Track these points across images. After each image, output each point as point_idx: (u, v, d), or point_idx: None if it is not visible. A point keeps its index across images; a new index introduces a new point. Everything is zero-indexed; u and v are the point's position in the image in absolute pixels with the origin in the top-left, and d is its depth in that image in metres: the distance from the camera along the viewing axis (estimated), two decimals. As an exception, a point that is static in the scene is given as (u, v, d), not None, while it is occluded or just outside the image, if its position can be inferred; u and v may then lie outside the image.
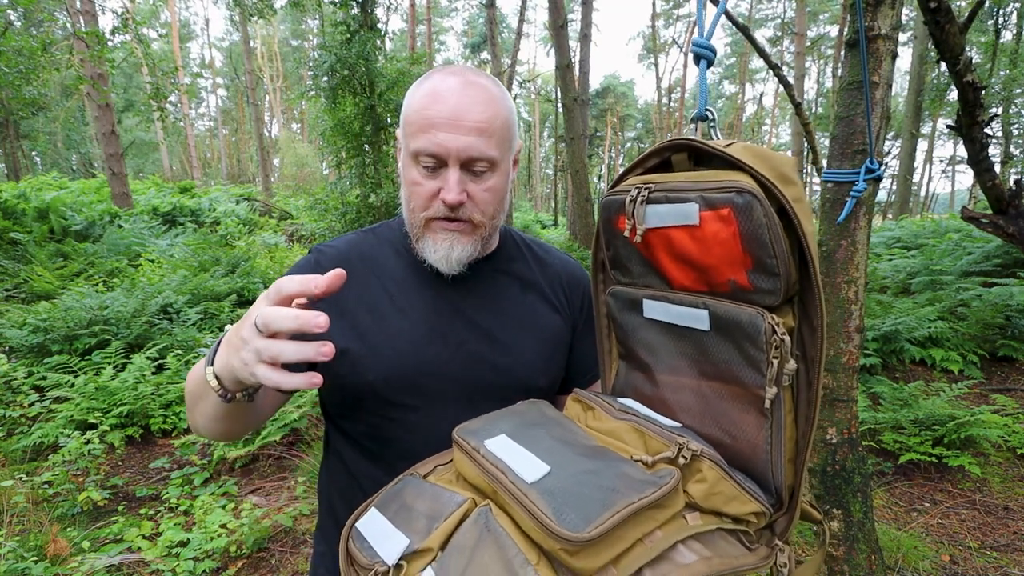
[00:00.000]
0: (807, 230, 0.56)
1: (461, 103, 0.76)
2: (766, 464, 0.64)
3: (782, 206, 0.56)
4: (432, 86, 0.78)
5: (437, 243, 0.81)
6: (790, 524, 0.65)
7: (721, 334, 0.64)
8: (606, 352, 0.84)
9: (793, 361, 0.59)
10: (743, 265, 0.59)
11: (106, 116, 9.65)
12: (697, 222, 0.60)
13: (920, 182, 27.31)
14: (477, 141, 0.76)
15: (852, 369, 1.22)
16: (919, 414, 3.11)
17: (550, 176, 42.15)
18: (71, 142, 24.22)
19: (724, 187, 0.57)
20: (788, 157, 0.60)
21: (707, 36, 0.67)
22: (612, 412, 0.71)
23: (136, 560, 2.39)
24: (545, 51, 50.91)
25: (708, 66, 0.67)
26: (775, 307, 0.60)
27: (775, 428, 0.62)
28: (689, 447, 0.59)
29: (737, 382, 0.64)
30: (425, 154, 0.76)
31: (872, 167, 1.11)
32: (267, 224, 12.21)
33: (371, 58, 8.10)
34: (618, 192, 0.68)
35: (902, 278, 5.83)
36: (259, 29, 33.06)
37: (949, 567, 2.33)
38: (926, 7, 1.53)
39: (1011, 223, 2.09)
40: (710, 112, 0.66)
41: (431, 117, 0.75)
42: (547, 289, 0.95)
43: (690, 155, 0.64)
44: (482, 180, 0.80)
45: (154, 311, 4.99)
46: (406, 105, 0.81)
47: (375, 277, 0.87)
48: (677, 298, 0.68)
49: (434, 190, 0.78)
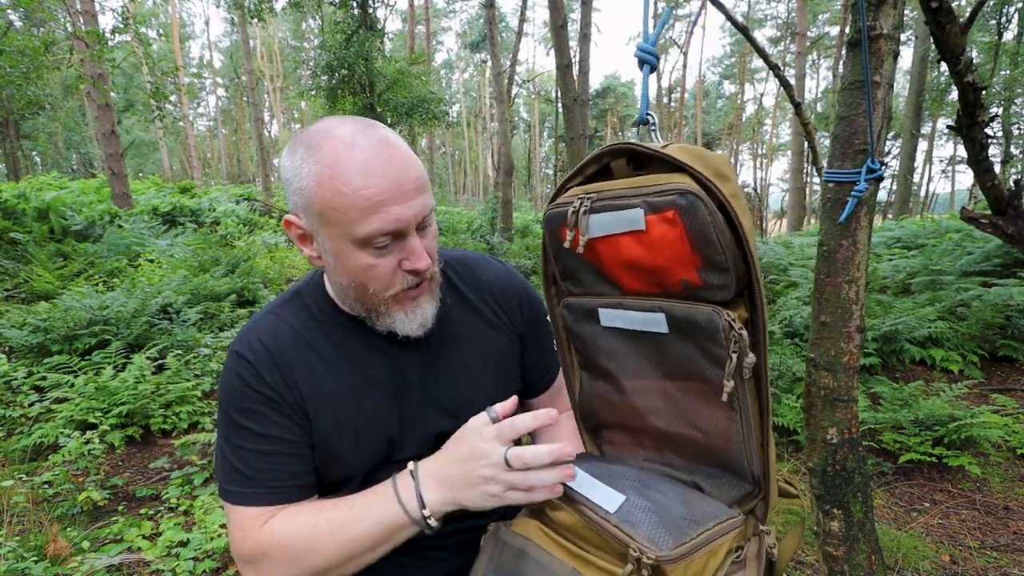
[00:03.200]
0: (745, 225, 0.58)
1: (394, 169, 0.69)
2: (741, 454, 0.66)
3: (721, 203, 0.57)
4: (345, 158, 0.67)
5: (409, 314, 0.78)
6: (768, 507, 0.68)
7: (680, 335, 0.65)
8: (568, 364, 0.84)
9: (752, 355, 0.60)
10: (693, 264, 0.60)
11: (106, 116, 9.65)
12: (644, 227, 0.60)
13: (920, 182, 27.32)
14: (425, 199, 0.72)
15: (852, 369, 1.22)
16: (919, 414, 3.11)
17: (550, 176, 42.17)
18: (71, 142, 24.22)
19: (666, 190, 0.58)
20: (722, 155, 0.62)
21: (651, 42, 0.68)
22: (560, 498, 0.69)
23: (136, 560, 2.39)
24: (545, 51, 50.96)
25: (651, 71, 0.68)
26: (728, 301, 0.61)
27: (744, 418, 0.64)
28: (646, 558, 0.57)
29: (702, 379, 0.66)
30: (381, 235, 0.69)
31: (873, 167, 1.11)
32: (267, 224, 12.21)
33: (370, 58, 8.11)
34: (560, 204, 0.68)
35: (902, 278, 5.83)
36: (258, 29, 33.05)
37: (949, 567, 2.33)
38: (927, 7, 1.53)
39: (1011, 223, 2.09)
40: (651, 116, 0.67)
41: (374, 196, 0.67)
42: (483, 308, 0.92)
43: (629, 160, 0.65)
44: (427, 232, 0.76)
45: (154, 311, 4.99)
46: (316, 188, 0.68)
47: (312, 353, 0.80)
48: (632, 304, 0.68)
49: (393, 265, 0.73)
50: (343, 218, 0.68)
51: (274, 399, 0.77)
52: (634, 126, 0.70)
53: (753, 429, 0.65)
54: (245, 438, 0.77)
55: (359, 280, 0.74)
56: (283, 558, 0.72)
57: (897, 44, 1.10)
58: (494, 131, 34.73)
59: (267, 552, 0.73)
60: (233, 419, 0.77)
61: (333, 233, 0.71)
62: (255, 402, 0.77)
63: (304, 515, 0.75)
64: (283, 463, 0.77)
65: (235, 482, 0.77)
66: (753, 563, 0.64)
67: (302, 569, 0.72)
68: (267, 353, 0.78)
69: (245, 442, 0.77)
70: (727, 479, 0.69)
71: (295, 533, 0.73)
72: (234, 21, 20.11)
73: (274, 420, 0.77)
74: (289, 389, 0.78)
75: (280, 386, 0.78)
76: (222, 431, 0.79)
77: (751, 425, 0.65)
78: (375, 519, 0.71)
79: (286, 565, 0.72)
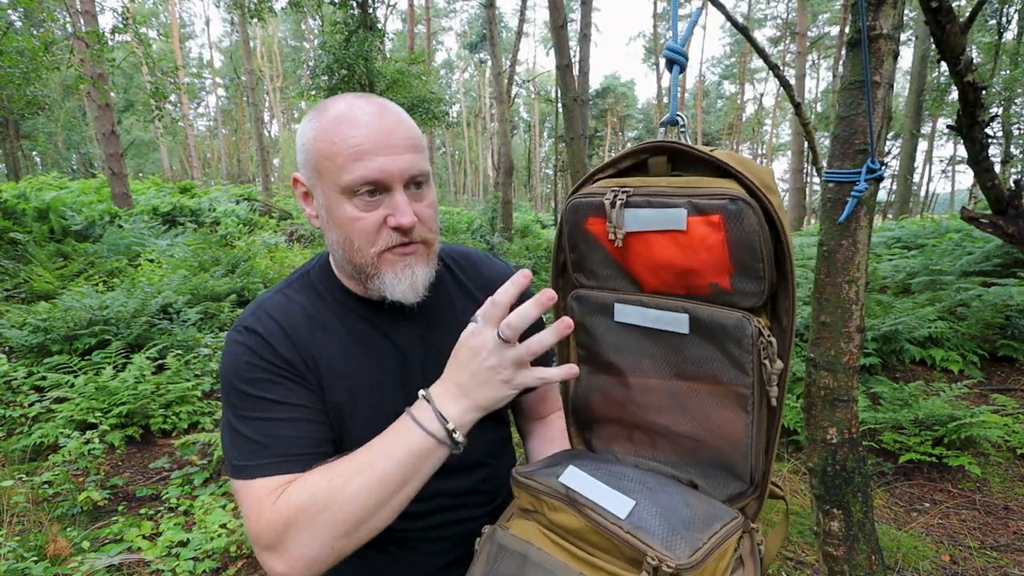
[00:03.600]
0: (790, 238, 0.59)
1: (385, 124, 0.72)
2: (745, 456, 0.67)
3: (768, 213, 0.58)
4: (342, 115, 0.72)
5: (398, 274, 0.76)
6: (760, 506, 0.69)
7: (702, 336, 0.66)
8: (564, 358, 0.84)
9: (780, 361, 0.61)
10: (727, 270, 0.61)
11: (106, 116, 9.64)
12: (684, 228, 0.60)
13: (920, 182, 27.32)
14: (415, 158, 0.74)
15: (852, 369, 1.22)
16: (919, 414, 3.11)
17: (550, 176, 42.18)
18: (71, 142, 24.22)
19: (715, 194, 0.58)
20: (767, 167, 0.62)
21: (681, 42, 0.67)
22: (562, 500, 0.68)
23: (136, 560, 2.39)
24: (545, 51, 50.96)
25: (680, 71, 0.67)
26: (753, 309, 0.62)
27: (756, 423, 0.65)
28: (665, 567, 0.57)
29: (716, 381, 0.66)
30: (365, 183, 0.71)
31: (873, 167, 1.11)
32: (267, 224, 12.21)
33: (370, 58, 8.11)
34: (590, 194, 0.68)
35: (902, 278, 5.83)
36: (258, 29, 33.06)
37: (949, 567, 2.33)
38: (927, 7, 1.53)
39: (1011, 223, 2.09)
40: (681, 117, 0.67)
41: (360, 144, 0.70)
42: (483, 302, 0.92)
43: (669, 159, 0.65)
44: (422, 197, 0.77)
45: (154, 311, 4.99)
46: (314, 141, 0.73)
47: (326, 335, 0.80)
48: (653, 302, 0.68)
49: (379, 220, 0.73)
50: (332, 166, 0.71)
51: (289, 371, 0.75)
52: (662, 126, 0.69)
53: (762, 433, 0.66)
54: (258, 407, 0.73)
55: (346, 234, 0.74)
56: (306, 521, 0.64)
57: (897, 44, 1.10)
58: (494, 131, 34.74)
59: (287, 522, 0.65)
60: (243, 391, 0.73)
61: (325, 184, 0.73)
62: (269, 373, 0.74)
63: (317, 473, 0.69)
64: (302, 428, 0.74)
65: (247, 455, 0.71)
66: (749, 560, 0.65)
67: (329, 529, 0.65)
68: (280, 329, 0.77)
69: (258, 411, 0.73)
70: (723, 478, 0.70)
71: (313, 491, 0.66)
72: (234, 21, 20.14)
73: (291, 388, 0.75)
74: (305, 363, 0.76)
75: (296, 360, 0.76)
76: (230, 407, 0.74)
77: (761, 429, 0.65)
78: (400, 452, 0.66)
79: (310, 531, 0.65)
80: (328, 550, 0.65)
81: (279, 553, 0.66)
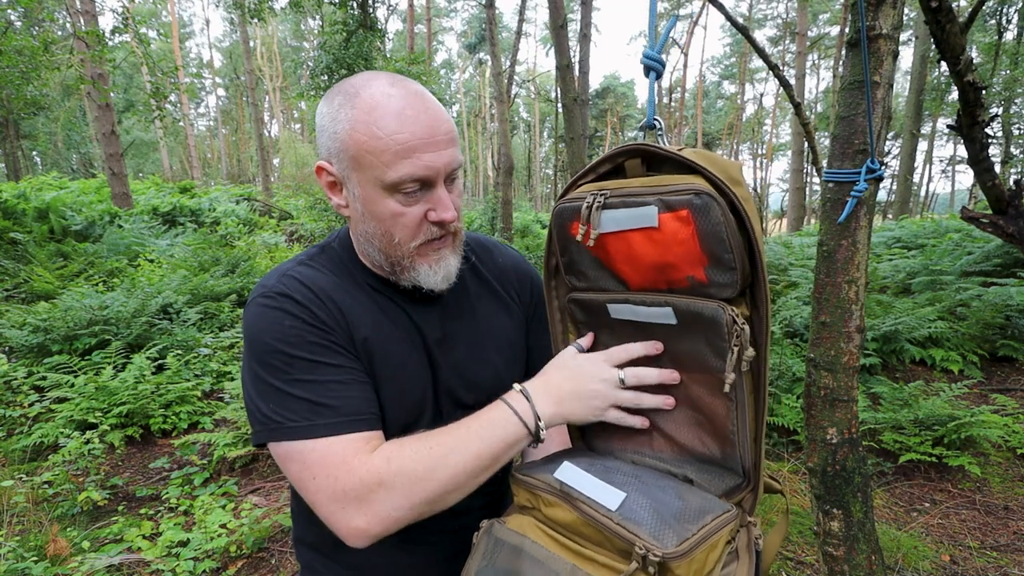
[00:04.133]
0: (756, 227, 0.61)
1: (429, 119, 0.71)
2: (734, 445, 0.70)
3: (734, 205, 0.60)
4: (382, 106, 0.70)
5: (432, 266, 0.78)
6: (756, 499, 0.70)
7: (687, 327, 0.68)
8: None
9: (752, 349, 0.64)
10: (701, 262, 0.63)
11: (106, 116, 9.65)
12: (656, 224, 0.63)
13: (920, 182, 27.32)
14: (455, 152, 0.74)
15: (852, 369, 1.22)
16: (919, 414, 3.11)
17: (550, 176, 42.18)
18: (71, 142, 24.23)
19: (682, 189, 0.60)
20: (734, 161, 0.65)
21: (657, 49, 0.69)
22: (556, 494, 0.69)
23: (136, 560, 2.39)
24: (545, 51, 50.95)
25: (657, 78, 0.70)
26: (731, 299, 0.65)
27: (739, 410, 0.68)
28: (652, 555, 0.57)
29: (706, 370, 0.69)
30: (411, 180, 0.71)
31: (873, 167, 1.11)
32: (267, 224, 12.22)
33: (370, 58, 8.11)
34: (572, 199, 0.71)
35: (902, 278, 5.83)
36: (258, 29, 33.07)
37: (949, 567, 2.33)
38: (927, 6, 1.53)
39: (1011, 223, 2.08)
40: (658, 121, 0.70)
41: (408, 141, 0.69)
42: (499, 288, 0.94)
43: (643, 160, 0.67)
44: (454, 187, 0.77)
45: (154, 311, 4.99)
46: (351, 132, 0.71)
47: (356, 304, 0.79)
48: (639, 299, 0.71)
49: (421, 215, 0.74)
50: (375, 162, 0.70)
51: (334, 336, 0.74)
52: (641, 130, 0.72)
53: (748, 421, 0.68)
54: (313, 370, 0.71)
55: (386, 227, 0.74)
56: (403, 484, 0.66)
57: (897, 44, 1.10)
58: (494, 131, 34.74)
59: (384, 481, 0.66)
60: (291, 355, 0.71)
61: (364, 178, 0.72)
62: (317, 336, 0.73)
63: (411, 443, 0.70)
64: (360, 389, 0.74)
65: (309, 415, 0.69)
66: (745, 554, 0.66)
67: (419, 495, 0.67)
68: (314, 296, 0.75)
69: (313, 374, 0.71)
70: (718, 471, 0.72)
71: (413, 457, 0.68)
72: (233, 21, 20.11)
73: (339, 351, 0.74)
74: (342, 329, 0.75)
75: (335, 324, 0.75)
76: (272, 371, 0.71)
77: (746, 417, 0.68)
78: (496, 435, 0.70)
79: (404, 494, 0.66)
80: (413, 514, 0.68)
81: (362, 509, 0.66)
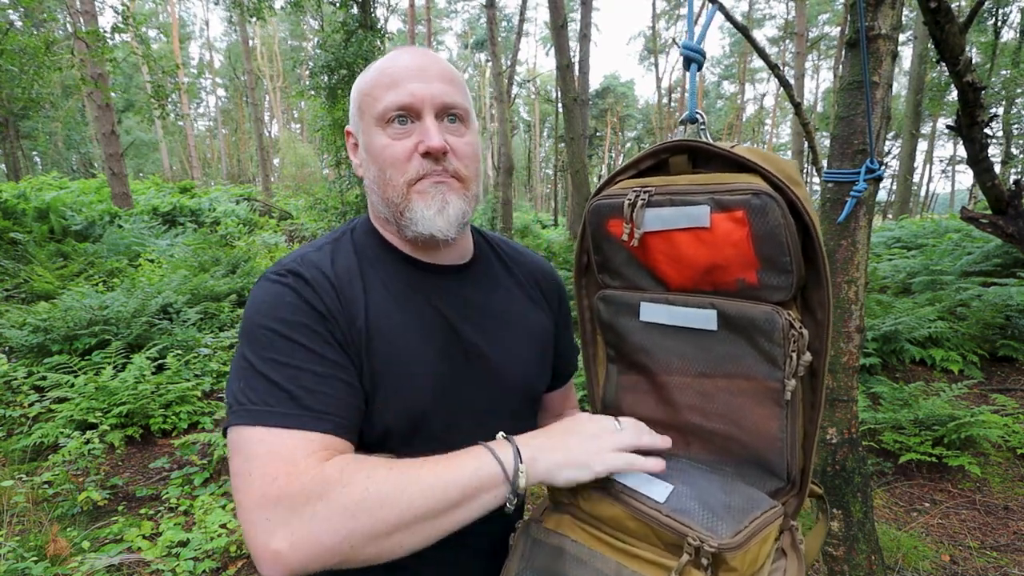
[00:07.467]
0: (819, 229, 0.58)
1: (423, 59, 0.75)
2: (781, 452, 0.66)
3: (794, 205, 0.57)
4: (387, 58, 0.76)
5: (427, 200, 0.72)
6: (800, 504, 0.67)
7: (731, 332, 0.65)
8: (591, 357, 0.83)
9: (809, 353, 0.61)
10: (753, 265, 0.60)
11: (106, 116, 9.64)
12: (708, 224, 0.60)
13: (920, 182, 27.32)
14: (448, 88, 0.74)
15: (852, 369, 1.22)
16: (919, 414, 3.11)
17: (550, 176, 42.16)
18: (71, 142, 24.21)
19: (738, 189, 0.57)
20: (792, 160, 0.61)
21: (697, 40, 0.66)
22: (598, 489, 0.66)
23: (136, 560, 2.39)
24: (545, 51, 50.92)
25: (698, 69, 0.66)
26: (783, 303, 0.61)
27: (791, 417, 0.64)
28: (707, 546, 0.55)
29: (747, 376, 0.65)
30: (396, 107, 0.71)
31: (872, 167, 1.11)
32: (267, 224, 12.22)
33: (370, 57, 8.11)
34: (610, 196, 0.67)
35: (902, 278, 5.83)
36: (258, 29, 33.06)
37: (949, 567, 2.33)
38: (926, 7, 1.53)
39: (1011, 223, 2.09)
40: (700, 115, 0.66)
41: (395, 73, 0.72)
42: (527, 286, 0.91)
43: (689, 156, 0.64)
44: (459, 132, 0.75)
45: (154, 311, 4.99)
46: (359, 85, 0.77)
47: (370, 297, 0.74)
48: (680, 300, 0.68)
49: (410, 147, 0.72)
50: (370, 100, 0.74)
51: (332, 326, 0.69)
52: (682, 124, 0.68)
53: (798, 428, 0.65)
54: (294, 354, 0.65)
55: (379, 164, 0.74)
56: (348, 504, 0.56)
57: (896, 44, 1.11)
58: (494, 131, 34.73)
59: (327, 494, 0.56)
60: (278, 332, 0.65)
61: (365, 124, 0.75)
62: (312, 320, 0.67)
63: (372, 461, 0.61)
64: (340, 389, 0.66)
65: (272, 401, 0.62)
66: (793, 552, 0.64)
67: (363, 525, 0.56)
68: (328, 283, 0.71)
69: (292, 358, 0.64)
70: (759, 475, 0.68)
71: (370, 476, 0.58)
72: (232, 20, 20.10)
73: (330, 344, 0.67)
74: (349, 323, 0.70)
75: (341, 318, 0.70)
76: (254, 346, 0.65)
77: (796, 424, 0.64)
78: (468, 470, 0.61)
79: (345, 518, 0.56)
80: (344, 549, 0.56)
81: (290, 524, 0.55)
